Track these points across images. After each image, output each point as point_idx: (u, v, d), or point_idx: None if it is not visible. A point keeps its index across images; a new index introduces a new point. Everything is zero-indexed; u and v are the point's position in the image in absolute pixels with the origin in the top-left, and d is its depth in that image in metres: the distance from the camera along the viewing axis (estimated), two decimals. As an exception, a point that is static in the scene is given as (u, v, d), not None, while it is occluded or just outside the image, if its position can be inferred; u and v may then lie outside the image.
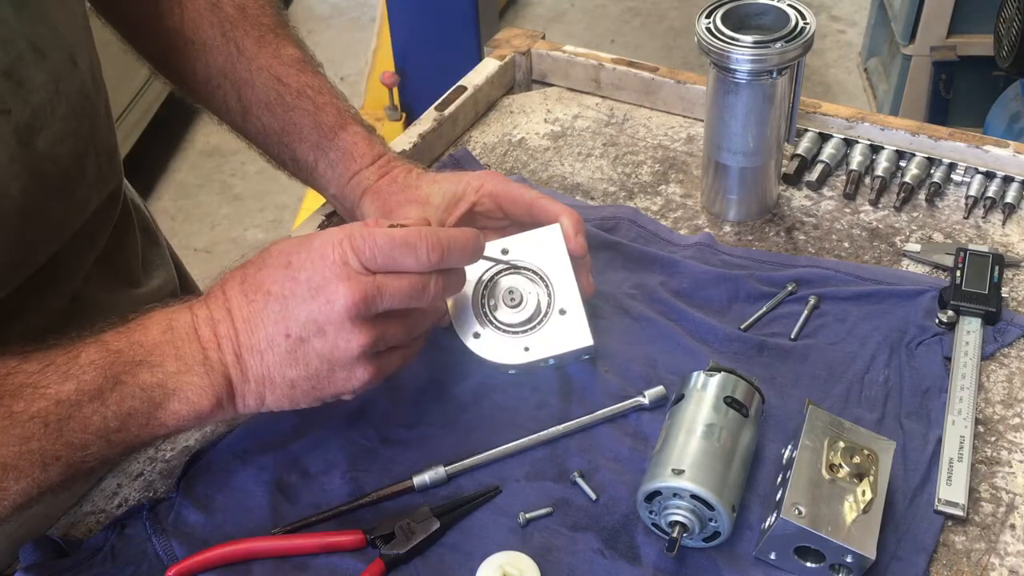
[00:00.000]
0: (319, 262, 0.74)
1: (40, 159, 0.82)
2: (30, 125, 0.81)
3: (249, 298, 0.75)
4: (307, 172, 0.99)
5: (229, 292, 0.76)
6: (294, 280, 0.74)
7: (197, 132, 3.35)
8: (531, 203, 0.91)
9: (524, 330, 0.87)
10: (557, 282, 0.88)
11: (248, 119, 0.99)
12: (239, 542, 0.78)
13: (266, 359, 0.75)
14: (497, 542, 0.79)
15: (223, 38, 0.98)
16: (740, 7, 1.00)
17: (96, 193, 0.92)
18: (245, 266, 0.77)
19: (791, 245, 1.05)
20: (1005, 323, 0.94)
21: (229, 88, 0.98)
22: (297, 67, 0.98)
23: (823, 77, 3.46)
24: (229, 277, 0.77)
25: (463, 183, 0.93)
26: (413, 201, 0.93)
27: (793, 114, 1.05)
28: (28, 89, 0.80)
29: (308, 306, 0.74)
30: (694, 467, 0.75)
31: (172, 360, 0.74)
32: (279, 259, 0.76)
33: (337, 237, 0.75)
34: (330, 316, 0.74)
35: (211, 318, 0.75)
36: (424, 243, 0.75)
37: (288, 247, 0.76)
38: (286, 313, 0.74)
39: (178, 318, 0.75)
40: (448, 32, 2.77)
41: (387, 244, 0.74)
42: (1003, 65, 2.21)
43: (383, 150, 0.98)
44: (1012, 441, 0.85)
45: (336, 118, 0.97)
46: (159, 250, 1.13)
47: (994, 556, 0.78)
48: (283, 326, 0.74)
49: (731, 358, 0.92)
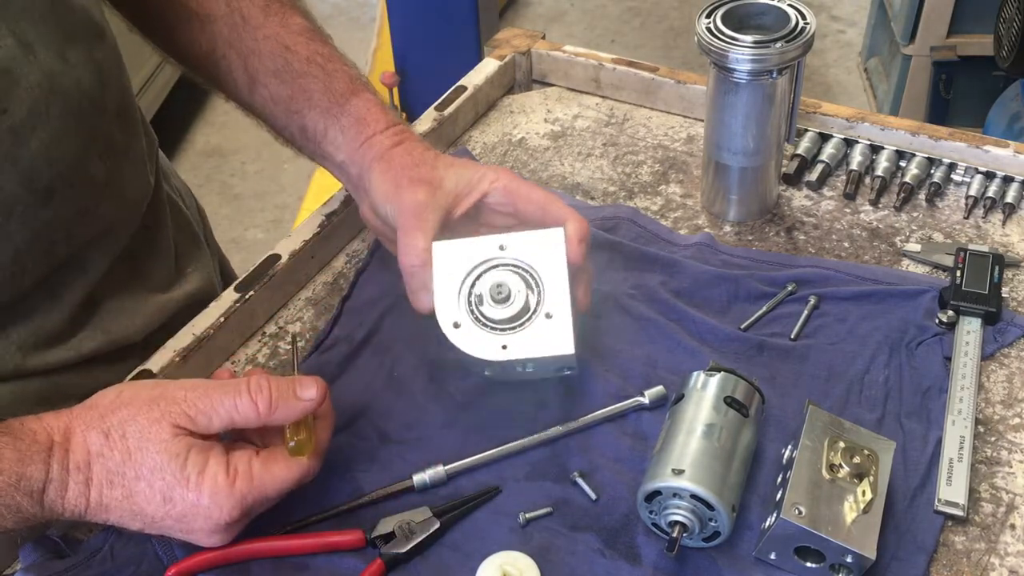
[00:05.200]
0: (193, 510, 0.74)
1: (33, 160, 0.82)
2: (25, 124, 0.80)
3: (113, 488, 0.74)
4: (315, 141, 0.95)
5: (94, 469, 0.74)
6: (168, 514, 0.75)
7: (197, 132, 3.35)
8: (544, 203, 0.89)
9: (506, 328, 0.83)
10: (549, 285, 0.84)
11: (255, 89, 0.97)
12: (239, 542, 0.78)
13: (111, 516, 0.76)
14: (497, 542, 0.79)
15: (227, 8, 0.96)
16: (740, 7, 1.00)
17: (108, 196, 0.91)
18: (111, 441, 0.74)
19: (791, 245, 1.05)
20: (1005, 323, 0.94)
21: (235, 58, 0.97)
22: (306, 35, 0.96)
23: (823, 77, 3.46)
24: (97, 454, 0.74)
25: (479, 172, 0.90)
26: (424, 182, 0.88)
27: (793, 114, 1.05)
28: (23, 87, 0.80)
29: (180, 526, 0.75)
30: (694, 467, 0.75)
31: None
32: (156, 481, 0.74)
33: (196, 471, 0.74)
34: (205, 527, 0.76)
35: (64, 483, 0.73)
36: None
37: (163, 464, 0.74)
38: (153, 525, 0.76)
39: (31, 472, 0.73)
40: (448, 32, 2.77)
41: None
42: (1003, 65, 2.21)
43: (396, 119, 0.95)
44: (1012, 441, 0.85)
45: (348, 85, 0.95)
46: (199, 253, 1.11)
47: (994, 556, 0.78)
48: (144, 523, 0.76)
49: (731, 358, 0.92)
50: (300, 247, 1.02)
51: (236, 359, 0.96)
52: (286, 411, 0.76)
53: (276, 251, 1.01)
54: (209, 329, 0.94)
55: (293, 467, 0.77)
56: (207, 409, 0.75)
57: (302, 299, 1.02)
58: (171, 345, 0.92)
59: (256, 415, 0.75)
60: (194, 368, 0.92)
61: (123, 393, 0.76)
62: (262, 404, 0.75)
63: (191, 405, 0.75)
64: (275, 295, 1.00)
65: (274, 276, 0.99)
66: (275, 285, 1.00)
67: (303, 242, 1.02)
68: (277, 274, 0.99)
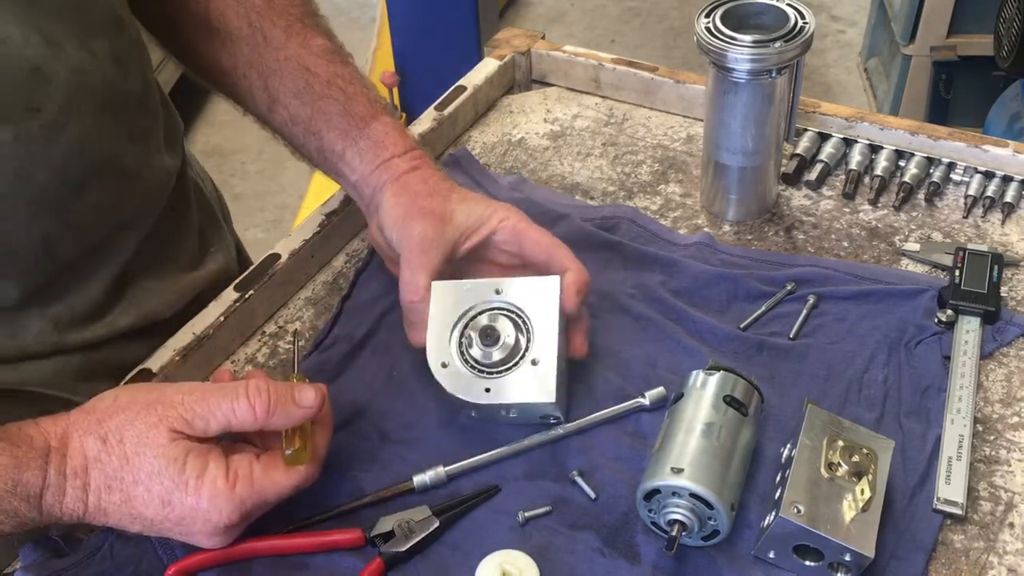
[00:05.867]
0: (192, 514, 0.74)
1: (66, 155, 0.83)
2: (57, 121, 0.81)
3: (111, 493, 0.74)
4: (332, 161, 0.97)
5: (92, 474, 0.74)
6: (167, 517, 0.75)
7: (197, 132, 3.35)
8: (549, 249, 0.89)
9: (492, 372, 0.84)
10: (539, 333, 0.84)
11: (275, 108, 0.98)
12: (239, 541, 0.78)
13: (110, 520, 0.76)
14: (496, 541, 0.79)
15: (249, 28, 0.97)
16: (740, 7, 1.00)
17: (136, 182, 0.92)
18: (108, 446, 0.74)
19: (790, 244, 1.05)
20: (1004, 322, 0.94)
21: (256, 78, 0.97)
22: (326, 57, 0.97)
23: (823, 77, 3.45)
24: (94, 459, 0.74)
25: (490, 209, 0.91)
26: (434, 214, 0.89)
27: (793, 114, 1.05)
28: (54, 85, 0.80)
29: (179, 528, 0.76)
30: (693, 466, 0.75)
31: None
32: (154, 485, 0.74)
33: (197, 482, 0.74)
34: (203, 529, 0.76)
35: (61, 489, 0.74)
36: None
37: (161, 468, 0.74)
38: (152, 528, 0.76)
39: (27, 478, 0.73)
40: (448, 32, 2.77)
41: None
42: (1003, 65, 2.21)
43: (415, 145, 0.96)
44: (1011, 440, 0.86)
45: (367, 108, 0.96)
46: (220, 234, 1.12)
47: (993, 555, 0.78)
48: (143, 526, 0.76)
49: (730, 357, 0.92)
50: (300, 247, 1.02)
51: (236, 358, 0.97)
52: (284, 417, 0.76)
53: (276, 251, 1.01)
54: (209, 328, 0.94)
55: (293, 473, 0.77)
56: (204, 412, 0.75)
57: (302, 299, 1.02)
58: (171, 344, 0.93)
59: (253, 419, 0.76)
60: (194, 367, 0.93)
61: (120, 397, 0.76)
62: (260, 408, 0.75)
63: (188, 409, 0.75)
64: (275, 294, 1.00)
65: (274, 275, 0.99)
66: (275, 284, 1.00)
67: (303, 242, 1.02)
68: (277, 273, 1.00)
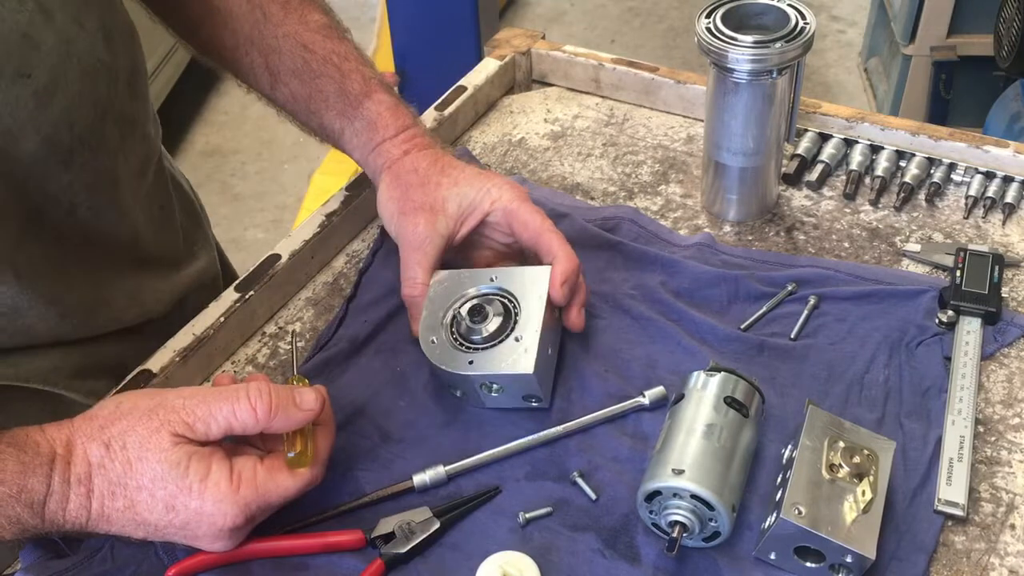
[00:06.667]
0: (197, 517, 0.74)
1: (55, 123, 0.83)
2: (47, 88, 0.81)
3: (115, 499, 0.74)
4: (335, 139, 1.00)
5: (95, 481, 0.74)
6: (171, 522, 0.75)
7: (197, 132, 3.35)
8: (538, 232, 0.91)
9: (477, 347, 0.87)
10: (525, 314, 0.87)
11: (276, 87, 1.00)
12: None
13: (113, 527, 0.75)
14: (497, 542, 0.79)
15: (248, 4, 0.98)
16: (740, 7, 1.00)
17: (122, 161, 0.93)
18: (111, 452, 0.74)
19: (791, 245, 1.05)
20: (1005, 323, 0.94)
21: (256, 56, 0.99)
22: (323, 33, 0.98)
23: (823, 77, 3.46)
24: (98, 466, 0.74)
25: (482, 191, 0.93)
26: (425, 209, 0.92)
27: (793, 114, 1.05)
28: (44, 52, 0.80)
29: (183, 532, 0.76)
30: (694, 467, 0.75)
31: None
32: (158, 490, 0.74)
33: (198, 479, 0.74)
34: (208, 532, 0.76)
35: (65, 496, 0.73)
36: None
37: (164, 473, 0.74)
38: (156, 533, 0.76)
39: (32, 484, 0.73)
40: (448, 32, 2.77)
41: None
42: (1003, 65, 2.21)
43: (408, 122, 0.97)
44: (1012, 441, 0.85)
45: (362, 86, 0.97)
46: (202, 232, 1.13)
47: (994, 556, 0.78)
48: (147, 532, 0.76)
49: (731, 358, 0.92)
50: (300, 247, 1.02)
51: (236, 359, 0.97)
52: (285, 419, 0.76)
53: (276, 251, 1.01)
54: (209, 329, 0.94)
55: (297, 476, 0.77)
56: (205, 416, 0.75)
57: (302, 299, 1.02)
58: (171, 345, 0.92)
59: (255, 422, 0.76)
60: (194, 368, 0.92)
61: (122, 404, 0.76)
62: (261, 411, 0.75)
63: (189, 413, 0.75)
64: (275, 295, 1.00)
65: (274, 276, 0.99)
66: (275, 285, 1.00)
67: (303, 242, 1.02)
68: (277, 274, 0.99)
